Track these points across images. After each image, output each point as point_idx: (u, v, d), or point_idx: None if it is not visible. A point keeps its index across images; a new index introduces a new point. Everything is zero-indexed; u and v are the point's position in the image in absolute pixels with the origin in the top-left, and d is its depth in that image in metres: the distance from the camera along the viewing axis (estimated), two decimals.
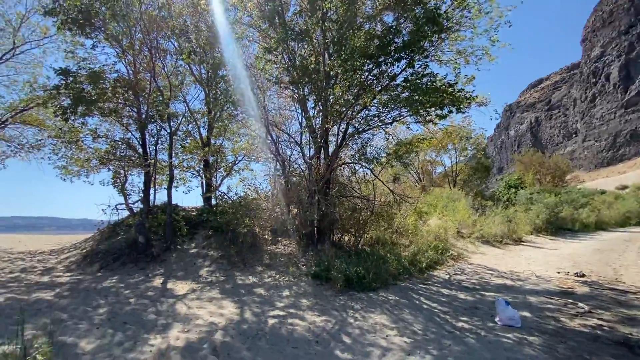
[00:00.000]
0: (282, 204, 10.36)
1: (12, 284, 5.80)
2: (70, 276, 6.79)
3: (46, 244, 12.99)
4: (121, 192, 12.32)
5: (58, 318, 4.12)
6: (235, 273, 7.41)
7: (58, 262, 8.27)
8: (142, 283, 6.40)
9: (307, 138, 10.95)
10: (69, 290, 5.60)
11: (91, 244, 9.96)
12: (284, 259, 8.49)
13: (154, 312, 4.73)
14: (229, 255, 8.36)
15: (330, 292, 6.69)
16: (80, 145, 11.46)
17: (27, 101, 11.01)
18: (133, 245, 8.33)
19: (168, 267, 7.72)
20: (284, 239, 9.93)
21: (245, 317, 4.82)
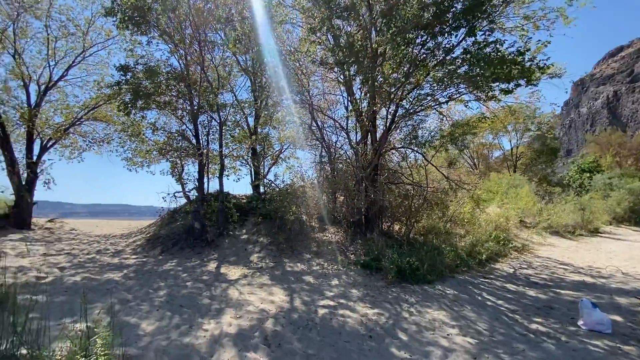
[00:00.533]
0: (328, 192, 10.17)
1: (88, 265, 6.43)
2: (136, 258, 7.36)
3: (118, 228, 14.46)
4: (179, 181, 13.13)
5: (124, 298, 4.40)
6: (284, 260, 7.43)
7: (126, 245, 9.06)
8: (197, 267, 6.69)
9: (354, 123, 10.54)
10: (134, 272, 6.03)
11: (154, 229, 10.77)
12: (332, 247, 8.33)
13: (208, 296, 4.85)
14: (278, 242, 8.42)
15: (381, 283, 6.37)
16: (142, 137, 12.37)
17: (96, 99, 12.08)
18: (190, 231, 8.79)
19: (221, 252, 8.01)
20: (331, 226, 9.76)
21: (295, 306, 4.73)
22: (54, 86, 11.95)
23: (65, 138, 12.72)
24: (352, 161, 9.86)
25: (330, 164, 10.35)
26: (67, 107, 12.06)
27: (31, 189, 10.97)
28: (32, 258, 6.80)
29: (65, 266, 6.19)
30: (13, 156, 10.64)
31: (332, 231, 9.50)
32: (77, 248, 8.38)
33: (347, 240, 8.82)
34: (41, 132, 11.74)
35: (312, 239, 8.77)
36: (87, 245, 8.95)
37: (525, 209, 16.35)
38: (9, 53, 10.84)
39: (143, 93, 7.97)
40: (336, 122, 10.29)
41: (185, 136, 12.14)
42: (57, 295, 4.35)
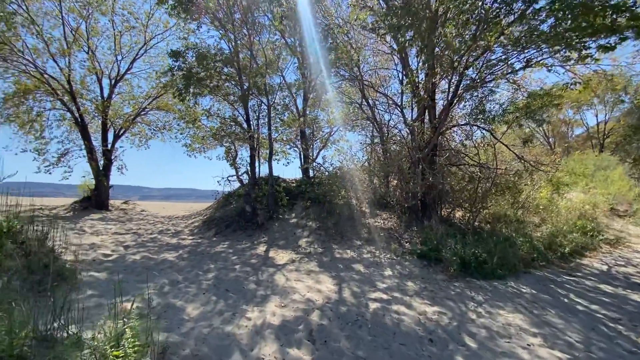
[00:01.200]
0: (380, 175, 9.51)
1: (149, 244, 6.83)
2: (192, 239, 7.66)
3: (181, 210, 15.59)
4: (232, 166, 13.56)
5: (174, 279, 4.45)
6: (332, 246, 7.10)
7: (185, 226, 9.56)
8: (247, 250, 6.69)
9: (408, 98, 9.59)
10: (188, 252, 6.22)
11: (210, 211, 11.24)
12: (384, 234, 7.76)
13: (254, 281, 4.71)
14: (326, 226, 8.11)
15: (442, 276, 5.68)
16: (198, 124, 12.90)
17: (156, 88, 12.82)
18: (242, 214, 8.92)
19: (271, 235, 7.96)
20: (383, 212, 9.15)
21: (343, 297, 4.35)
22: (122, 79, 12.91)
23: (133, 127, 13.82)
24: (407, 141, 9.01)
25: (383, 144, 9.62)
26: (132, 98, 13.00)
27: (107, 174, 12.17)
28: (104, 236, 7.43)
29: (129, 244, 6.62)
30: (91, 144, 11.83)
31: (384, 217, 8.89)
32: (143, 228, 9.05)
33: (401, 227, 8.16)
34: (113, 122, 12.86)
35: (362, 225, 8.28)
36: (151, 226, 9.64)
37: (617, 194, 13.81)
38: (83, 50, 11.90)
39: (195, 78, 8.07)
40: (389, 98, 9.46)
41: (237, 121, 12.35)
42: (116, 273, 4.57)
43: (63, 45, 10.83)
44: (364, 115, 10.94)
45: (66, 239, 6.64)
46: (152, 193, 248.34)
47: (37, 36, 9.94)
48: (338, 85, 11.77)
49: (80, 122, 11.49)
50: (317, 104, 13.08)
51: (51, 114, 12.11)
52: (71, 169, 11.61)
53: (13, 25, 8.64)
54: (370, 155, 11.89)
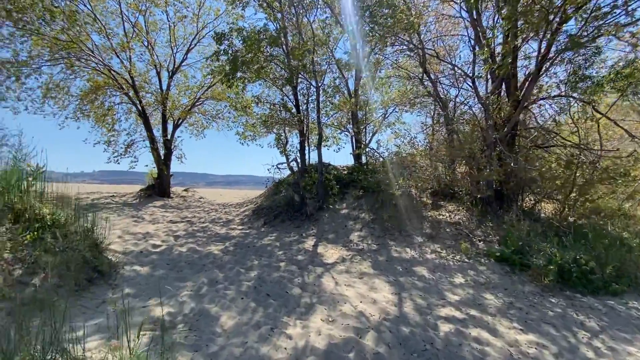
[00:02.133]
0: (444, 160, 8.25)
1: (199, 234, 6.75)
2: (241, 229, 7.45)
3: (236, 197, 15.96)
4: (283, 153, 13.29)
5: (214, 278, 4.09)
6: (389, 242, 6.25)
7: (237, 215, 9.49)
8: (294, 243, 6.19)
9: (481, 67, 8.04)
10: (234, 245, 5.93)
11: (261, 199, 11.10)
12: (451, 230, 6.65)
13: (299, 284, 4.15)
14: (381, 219, 7.25)
15: (530, 287, 4.52)
16: (248, 111, 12.79)
17: (207, 76, 12.92)
18: (290, 203, 8.49)
19: (320, 227, 7.39)
20: (448, 203, 7.95)
21: (405, 312, 3.55)
22: (178, 70, 13.28)
23: (190, 117, 14.27)
24: (479, 120, 7.59)
25: (448, 125, 8.29)
26: (188, 88, 13.33)
27: (167, 163, 12.75)
28: (159, 224, 7.59)
29: (180, 234, 6.59)
30: (153, 135, 12.44)
31: (449, 209, 7.70)
32: (197, 216, 9.17)
33: (472, 222, 6.94)
34: (172, 113, 13.37)
35: (423, 218, 7.24)
36: (205, 214, 9.76)
37: None
38: (143, 45, 12.40)
39: (241, 61, 7.67)
40: (457, 69, 8.03)
41: (287, 107, 11.91)
42: (159, 267, 4.38)
43: (124, 41, 11.33)
44: (424, 91, 9.61)
45: (125, 227, 6.88)
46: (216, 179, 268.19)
47: (100, 32, 10.46)
48: (395, 59, 10.52)
49: (143, 114, 12.07)
50: (371, 84, 12.00)
51: (120, 108, 12.99)
52: (137, 159, 12.38)
53: (76, 23, 9.09)
54: (431, 138, 10.55)
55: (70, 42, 9.86)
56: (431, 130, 10.48)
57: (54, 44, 9.81)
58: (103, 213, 8.49)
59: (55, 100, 11.57)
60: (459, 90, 8.32)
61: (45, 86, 11.18)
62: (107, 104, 12.62)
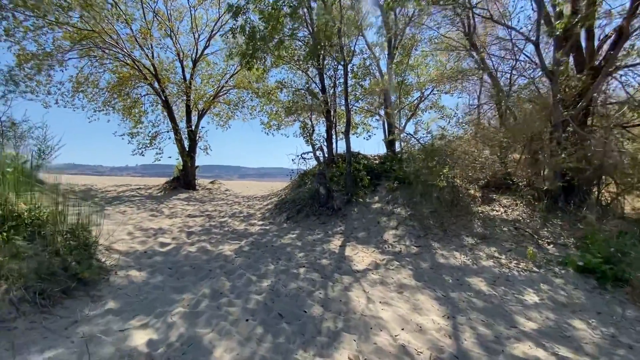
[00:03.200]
0: (497, 145, 6.95)
1: (215, 230, 6.13)
2: (261, 225, 6.74)
3: (261, 189, 15.46)
4: (309, 142, 12.46)
5: (219, 289, 3.36)
6: (432, 243, 5.21)
7: (259, 208, 8.84)
8: (318, 243, 5.36)
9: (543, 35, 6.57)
10: (250, 244, 5.21)
11: (285, 192, 10.38)
12: (509, 229, 5.46)
13: (321, 299, 3.30)
14: (421, 215, 6.20)
15: (635, 311, 3.33)
16: (271, 98, 12.07)
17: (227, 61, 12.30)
18: (315, 197, 7.65)
19: (349, 223, 6.49)
20: (502, 196, 6.69)
21: (464, 349, 2.58)
22: (201, 57, 12.81)
23: (214, 107, 13.84)
24: (542, 96, 6.20)
25: (501, 103, 6.95)
26: (211, 77, 12.84)
27: (192, 155, 12.41)
28: (176, 219, 7.09)
29: (194, 231, 6.00)
30: (177, 125, 12.12)
31: (504, 203, 6.46)
32: (218, 209, 8.64)
33: (535, 219, 5.68)
34: (196, 103, 12.98)
35: (473, 214, 6.08)
36: (228, 207, 9.23)
37: None
38: (166, 33, 12.01)
39: (259, 36, 6.85)
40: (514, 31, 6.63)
41: (312, 92, 11.01)
42: (158, 273, 3.74)
43: (144, 27, 10.98)
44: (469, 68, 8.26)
45: (139, 222, 6.43)
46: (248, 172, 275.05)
47: (118, 18, 10.14)
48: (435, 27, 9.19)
49: (166, 104, 11.76)
50: (406, 62, 10.73)
51: (146, 100, 12.78)
52: (162, 151, 12.14)
53: (93, 8, 8.76)
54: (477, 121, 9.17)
55: (91, 30, 9.64)
56: (476, 111, 9.10)
57: (75, 32, 9.65)
58: (122, 206, 8.21)
59: (85, 94, 11.57)
60: (516, 60, 6.90)
61: (76, 80, 11.20)
62: (134, 96, 12.48)
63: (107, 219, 6.40)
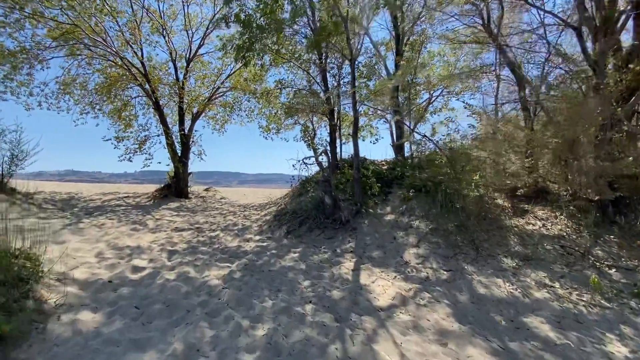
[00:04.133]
0: (525, 149, 6.07)
1: (202, 249, 5.21)
2: (257, 241, 5.82)
3: (260, 197, 14.54)
4: (310, 147, 11.61)
5: (196, 343, 2.43)
6: (464, 266, 4.30)
7: (257, 219, 7.92)
8: (327, 266, 4.44)
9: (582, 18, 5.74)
10: (244, 268, 4.30)
11: (285, 201, 9.47)
12: (553, 247, 4.56)
13: (337, 358, 2.38)
14: (445, 230, 5.29)
15: None
16: (272, 99, 11.23)
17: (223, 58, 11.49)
18: (319, 207, 6.75)
19: (360, 239, 5.58)
20: (535, 207, 5.80)
21: None
22: (195, 57, 12.00)
23: (210, 109, 13.00)
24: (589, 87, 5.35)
25: (534, 99, 6.10)
26: (205, 77, 12.01)
27: (184, 160, 11.50)
28: (160, 234, 6.18)
29: (178, 249, 5.08)
30: (168, 129, 11.25)
31: (539, 215, 5.57)
32: (210, 221, 7.72)
33: (583, 236, 4.79)
34: (189, 105, 12.13)
35: (506, 229, 5.18)
36: (221, 218, 8.31)
37: None
38: (158, 31, 11.21)
39: (256, 25, 6.02)
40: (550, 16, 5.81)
41: (314, 92, 10.19)
42: (119, 315, 2.83)
43: (132, 23, 10.18)
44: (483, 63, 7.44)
45: (114, 239, 5.50)
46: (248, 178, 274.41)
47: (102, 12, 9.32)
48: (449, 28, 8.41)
49: (157, 105, 10.90)
50: (415, 59, 9.93)
51: (136, 102, 11.93)
52: (151, 156, 11.24)
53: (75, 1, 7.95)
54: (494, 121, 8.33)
55: (72, 25, 8.82)
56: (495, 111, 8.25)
57: (56, 27, 8.83)
58: (102, 218, 7.28)
59: (72, 95, 10.73)
60: (549, 52, 6.05)
61: (62, 81, 10.37)
62: (124, 98, 11.63)
63: (78, 234, 5.48)
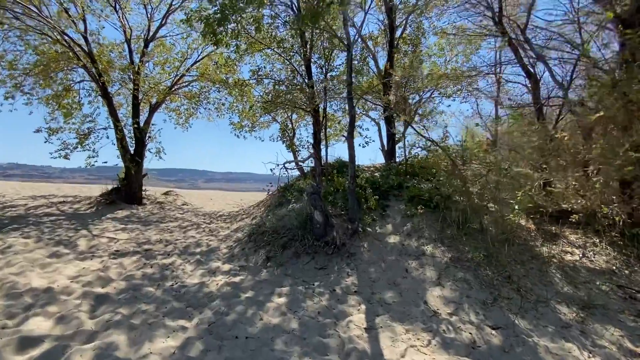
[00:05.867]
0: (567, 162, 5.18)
1: (149, 290, 3.68)
2: (227, 275, 4.38)
3: (229, 203, 12.86)
4: (290, 148, 10.24)
5: None
6: (512, 319, 3.21)
7: (226, 236, 6.43)
8: (328, 322, 3.15)
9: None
10: (206, 331, 2.87)
11: (261, 212, 8.04)
12: (607, 286, 3.62)
13: None
14: (470, 260, 4.21)
15: None
16: (245, 90, 9.69)
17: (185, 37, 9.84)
18: (307, 225, 5.43)
19: (362, 270, 4.36)
20: (567, 229, 4.92)
21: None
22: (155, 38, 10.16)
23: (172, 101, 11.18)
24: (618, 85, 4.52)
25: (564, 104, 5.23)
26: (167, 62, 10.20)
27: (136, 158, 9.62)
28: (92, 262, 4.54)
29: (111, 293, 3.53)
30: (118, 121, 9.34)
31: (572, 240, 4.68)
32: (166, 238, 6.12)
33: (635, 269, 3.91)
34: (146, 94, 10.26)
35: (541, 260, 4.20)
36: (181, 233, 6.72)
37: None
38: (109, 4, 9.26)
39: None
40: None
41: (297, 85, 8.82)
42: None
43: None
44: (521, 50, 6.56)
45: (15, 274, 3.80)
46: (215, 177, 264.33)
47: None
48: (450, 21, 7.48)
49: (104, 91, 8.97)
50: (409, 57, 8.93)
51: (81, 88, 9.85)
52: (96, 153, 9.26)
53: None
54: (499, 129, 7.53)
55: None
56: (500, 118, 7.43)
57: None
58: (16, 234, 5.42)
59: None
60: (582, 45, 5.19)
61: None
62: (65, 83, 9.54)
63: None
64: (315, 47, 8.63)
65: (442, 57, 8.58)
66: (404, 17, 8.95)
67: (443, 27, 8.30)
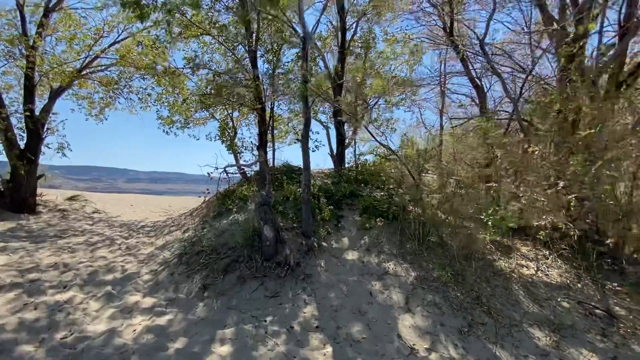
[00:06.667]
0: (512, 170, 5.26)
1: (23, 350, 2.48)
2: (149, 314, 3.35)
3: (155, 210, 11.09)
4: (230, 149, 9.15)
5: None
6: (491, 348, 2.91)
7: (148, 257, 5.20)
8: None
9: None
10: None
11: (195, 223, 6.89)
12: (567, 302, 3.61)
13: None
14: (437, 280, 3.90)
15: None
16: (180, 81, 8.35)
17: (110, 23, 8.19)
18: (253, 243, 4.60)
19: (321, 297, 3.73)
20: (518, 242, 4.99)
21: None
22: (59, 7, 8.21)
23: (82, 86, 9.19)
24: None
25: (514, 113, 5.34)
26: (74, 38, 8.30)
27: (27, 156, 7.58)
28: None
29: None
30: (2, 107, 7.23)
31: (525, 254, 4.74)
32: (64, 261, 4.68)
33: (586, 283, 4.03)
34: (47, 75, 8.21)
35: (503, 276, 4.10)
36: (87, 253, 5.28)
37: None
38: None
39: None
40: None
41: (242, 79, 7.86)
42: None
43: None
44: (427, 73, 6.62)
45: None
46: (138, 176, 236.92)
47: None
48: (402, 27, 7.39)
49: None
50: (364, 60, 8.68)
51: None
52: None
53: None
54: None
55: None
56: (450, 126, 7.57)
57: None
58: None
59: None
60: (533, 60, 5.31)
61: None
62: None
63: None
64: (261, 41, 7.81)
65: (387, 66, 8.47)
66: (354, 21, 8.70)
67: (394, 33, 8.23)
